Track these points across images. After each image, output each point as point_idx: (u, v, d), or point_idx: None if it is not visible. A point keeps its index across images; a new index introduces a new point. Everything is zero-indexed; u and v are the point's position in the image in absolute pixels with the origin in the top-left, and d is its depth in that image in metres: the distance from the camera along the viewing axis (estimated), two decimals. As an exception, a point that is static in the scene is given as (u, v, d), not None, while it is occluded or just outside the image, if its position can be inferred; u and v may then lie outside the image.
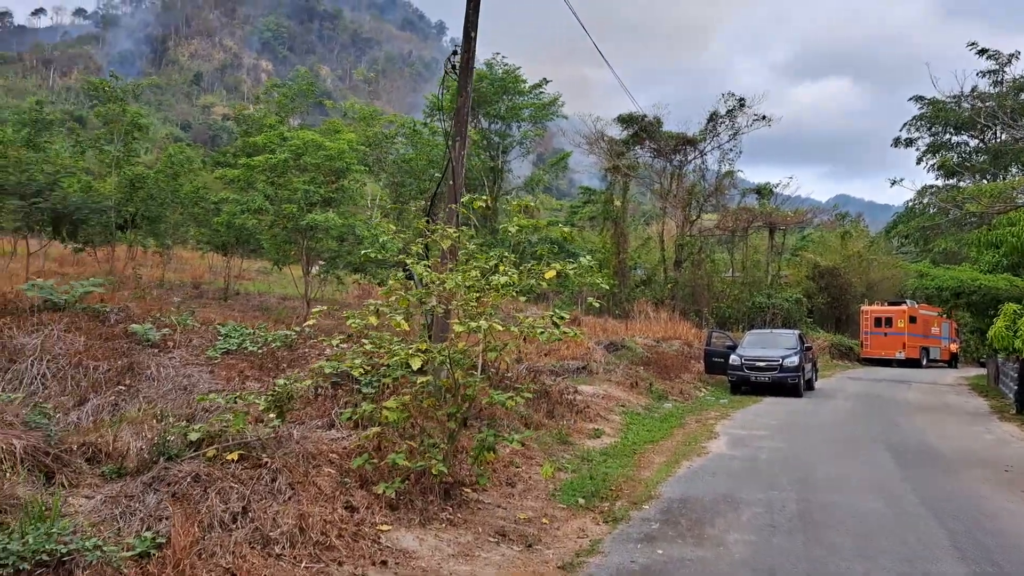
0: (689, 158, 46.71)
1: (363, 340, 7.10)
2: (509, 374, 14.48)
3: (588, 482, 9.35)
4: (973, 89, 29.46)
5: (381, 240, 9.96)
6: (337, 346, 7.57)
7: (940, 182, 34.24)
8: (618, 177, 47.23)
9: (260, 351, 12.05)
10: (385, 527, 6.48)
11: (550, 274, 8.04)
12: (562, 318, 7.65)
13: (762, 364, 21.44)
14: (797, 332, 24.29)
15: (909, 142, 35.54)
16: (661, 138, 45.77)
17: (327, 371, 7.11)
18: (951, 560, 6.75)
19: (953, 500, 9.01)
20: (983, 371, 38.84)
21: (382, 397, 8.49)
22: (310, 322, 7.42)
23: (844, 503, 8.72)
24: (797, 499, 8.89)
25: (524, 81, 43.58)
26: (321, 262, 22.05)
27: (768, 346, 22.51)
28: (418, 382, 7.29)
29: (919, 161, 35.34)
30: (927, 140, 35.18)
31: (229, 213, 19.86)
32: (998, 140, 32.14)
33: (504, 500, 8.20)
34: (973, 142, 33.47)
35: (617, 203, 46.97)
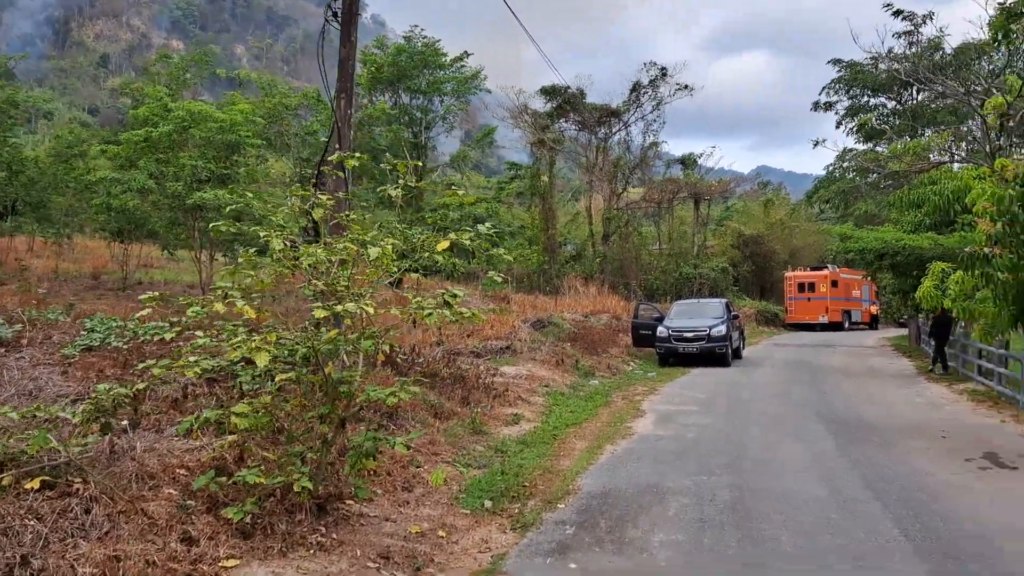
0: (613, 130, 46.10)
1: (197, 334, 5.75)
2: (420, 359, 13.24)
3: (498, 479, 8.20)
4: (890, 51, 29.33)
5: (228, 209, 8.47)
6: (171, 340, 6.21)
7: (860, 146, 34.34)
8: (544, 151, 46.40)
9: (127, 346, 10.47)
10: (231, 562, 5.17)
11: (442, 245, 6.81)
12: (454, 296, 6.44)
13: (689, 335, 20.76)
14: (724, 301, 23.74)
15: (828, 106, 35.48)
16: (585, 110, 45.01)
17: (156, 372, 5.72)
18: (905, 556, 5.84)
19: (896, 479, 8.20)
20: (903, 331, 39.51)
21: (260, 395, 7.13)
22: (143, 312, 6.02)
23: (780, 489, 7.82)
24: (729, 485, 7.94)
25: (444, 55, 42.04)
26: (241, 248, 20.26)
27: (695, 316, 21.86)
28: (277, 379, 5.98)
29: (838, 125, 35.37)
30: (846, 103, 35.15)
31: (110, 194, 17.87)
32: (915, 101, 32.24)
33: (396, 510, 6.98)
34: (891, 104, 33.56)
35: (544, 178, 46.18)
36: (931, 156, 19.86)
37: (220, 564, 5.11)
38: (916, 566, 5.61)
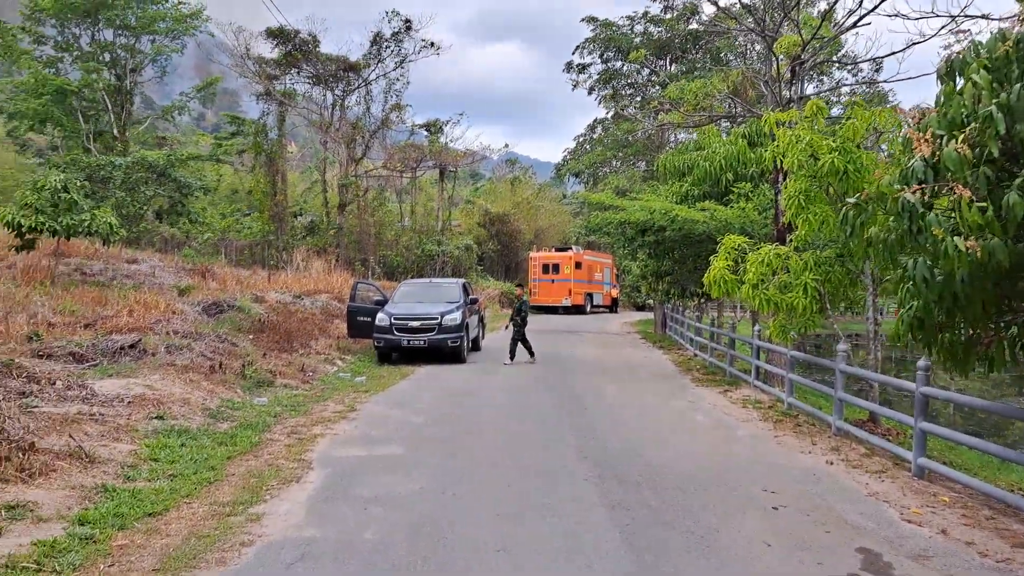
0: (353, 86, 39.90)
1: None
2: None
3: None
4: (645, 13, 26.40)
5: None
6: None
7: (611, 115, 31.37)
8: (272, 105, 39.15)
9: None
10: None
11: None
12: None
13: (416, 324, 15.58)
14: (461, 282, 18.93)
15: (582, 68, 31.99)
16: (319, 61, 38.37)
17: None
18: None
19: None
20: (643, 315, 37.94)
21: None
22: None
23: None
24: None
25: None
26: None
27: (425, 300, 16.75)
28: None
29: (591, 91, 32.12)
30: (600, 67, 31.81)
31: None
32: (668, 72, 29.80)
33: None
34: (646, 72, 30.77)
35: (271, 136, 39.10)
36: (713, 102, 16.27)
37: None
38: None
